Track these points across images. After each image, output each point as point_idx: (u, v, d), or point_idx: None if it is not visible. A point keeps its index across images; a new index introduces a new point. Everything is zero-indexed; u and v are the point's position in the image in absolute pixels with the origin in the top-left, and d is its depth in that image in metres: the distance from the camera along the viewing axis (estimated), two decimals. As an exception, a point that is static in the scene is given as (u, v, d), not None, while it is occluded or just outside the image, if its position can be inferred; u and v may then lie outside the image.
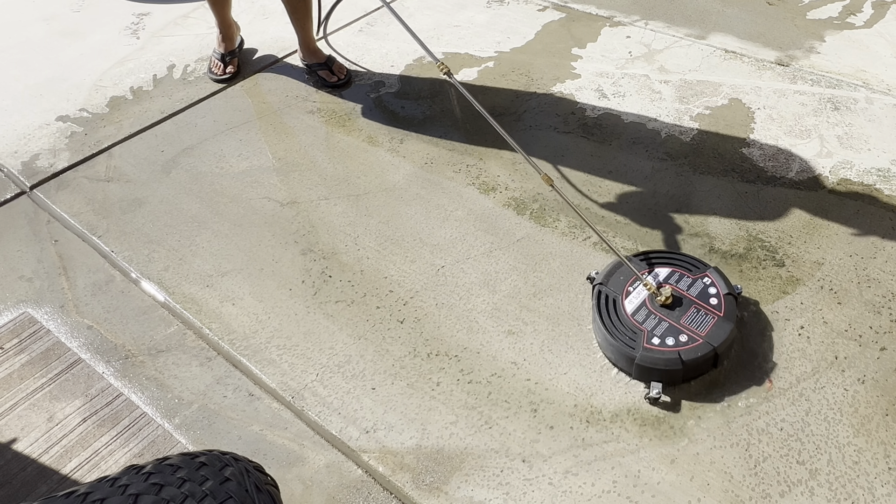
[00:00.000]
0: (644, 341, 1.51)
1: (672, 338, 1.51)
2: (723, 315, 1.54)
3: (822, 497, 1.34)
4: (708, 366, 1.52)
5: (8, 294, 1.84)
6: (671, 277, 1.64)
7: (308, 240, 1.94)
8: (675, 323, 1.54)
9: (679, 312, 1.56)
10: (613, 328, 1.54)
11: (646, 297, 1.60)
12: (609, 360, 1.58)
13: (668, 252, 1.73)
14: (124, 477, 0.83)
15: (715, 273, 1.63)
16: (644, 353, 1.48)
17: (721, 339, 1.49)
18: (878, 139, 2.18)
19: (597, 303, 1.61)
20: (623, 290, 1.62)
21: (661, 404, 1.49)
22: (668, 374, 1.48)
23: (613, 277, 1.65)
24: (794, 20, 2.83)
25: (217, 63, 2.59)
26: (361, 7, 3.05)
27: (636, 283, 1.62)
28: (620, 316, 1.57)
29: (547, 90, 2.47)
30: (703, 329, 1.52)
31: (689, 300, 1.58)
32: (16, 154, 2.30)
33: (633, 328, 1.54)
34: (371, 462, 1.43)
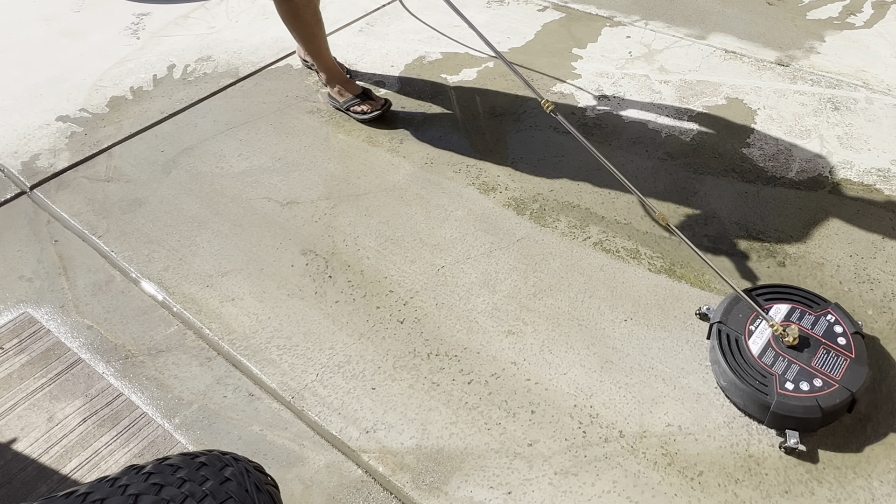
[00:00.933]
0: (777, 386, 1.41)
1: (806, 382, 1.41)
2: (854, 357, 1.45)
3: None
4: (843, 412, 1.44)
5: (8, 294, 1.84)
6: (792, 315, 1.54)
7: (308, 240, 1.94)
8: (806, 366, 1.44)
9: (808, 354, 1.46)
10: (742, 371, 1.45)
11: (770, 336, 1.50)
12: (736, 404, 1.49)
13: (785, 287, 1.62)
14: (124, 477, 0.83)
15: (838, 310, 1.54)
16: (780, 400, 1.39)
17: (858, 384, 1.40)
18: (878, 139, 2.18)
19: (718, 343, 1.51)
20: (744, 329, 1.52)
21: (796, 454, 1.41)
22: (805, 423, 1.39)
23: (732, 315, 1.55)
24: (794, 20, 2.83)
25: (363, 109, 2.33)
26: (361, 7, 3.05)
27: (757, 322, 1.53)
28: (746, 358, 1.47)
29: (547, 90, 2.47)
30: (837, 373, 1.42)
31: (817, 340, 1.48)
32: (16, 154, 2.30)
33: (762, 371, 1.44)
34: (371, 462, 1.43)
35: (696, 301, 1.71)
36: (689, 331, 1.65)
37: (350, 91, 2.36)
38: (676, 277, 1.79)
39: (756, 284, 1.66)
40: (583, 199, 2.03)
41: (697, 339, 1.63)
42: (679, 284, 1.77)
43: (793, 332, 1.48)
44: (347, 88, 2.37)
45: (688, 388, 1.54)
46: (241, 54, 2.76)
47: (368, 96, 2.36)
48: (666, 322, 1.68)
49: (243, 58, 2.73)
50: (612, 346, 1.63)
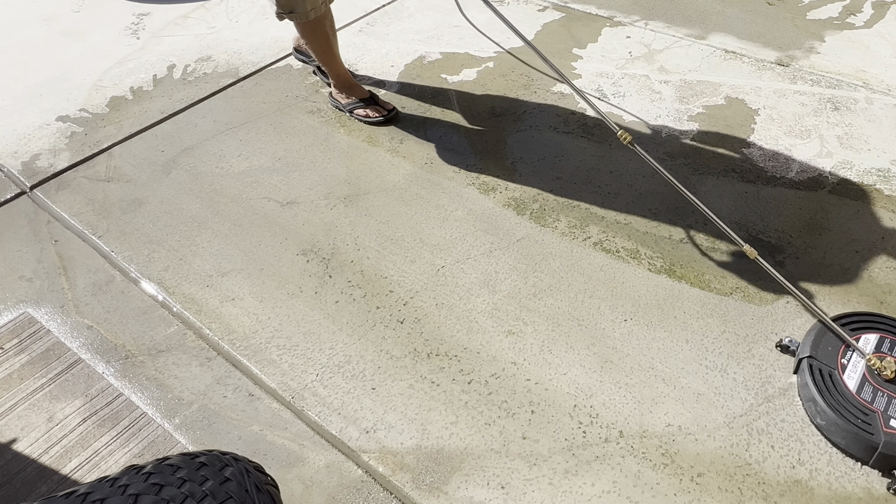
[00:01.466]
0: (882, 425, 1.34)
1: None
2: None
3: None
4: None
5: (8, 294, 1.84)
6: (883, 345, 1.47)
7: (308, 240, 1.94)
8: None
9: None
10: (843, 409, 1.37)
11: (864, 370, 1.43)
12: (836, 445, 1.40)
13: (870, 314, 1.55)
14: (124, 477, 0.83)
15: None
16: (888, 440, 1.32)
17: None
18: (878, 139, 2.18)
19: (812, 379, 1.43)
20: (837, 362, 1.44)
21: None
22: None
23: (821, 348, 1.47)
24: (794, 20, 2.83)
25: (366, 113, 2.34)
26: (361, 7, 3.06)
27: (848, 354, 1.46)
28: (844, 394, 1.39)
29: (547, 90, 2.47)
30: None
31: None
32: (16, 154, 2.30)
33: (863, 409, 1.37)
34: (371, 462, 1.43)
35: (695, 301, 1.72)
36: (689, 331, 1.65)
37: (356, 94, 2.37)
38: (676, 277, 1.79)
39: (839, 314, 1.58)
40: (583, 199, 2.03)
41: (697, 338, 1.64)
42: (679, 284, 1.77)
43: (890, 364, 1.41)
44: (354, 92, 2.37)
45: (688, 388, 1.54)
46: (241, 54, 2.76)
47: (375, 101, 2.37)
48: (666, 322, 1.68)
49: (243, 58, 2.73)
50: (612, 346, 1.63)
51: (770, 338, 1.63)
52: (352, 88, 2.38)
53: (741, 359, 1.59)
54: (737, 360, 1.59)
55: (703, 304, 1.71)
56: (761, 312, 1.69)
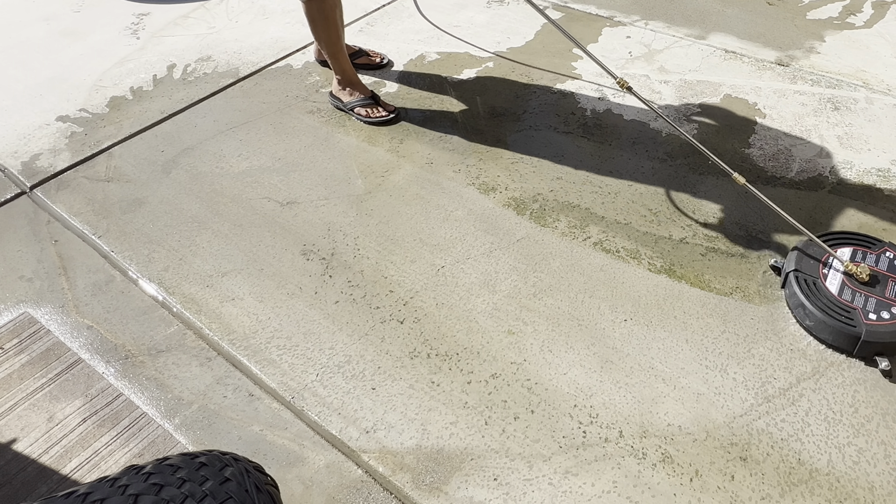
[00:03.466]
0: (863, 318, 1.56)
1: (886, 312, 1.57)
2: None
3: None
4: None
5: (8, 294, 1.84)
6: (856, 256, 1.70)
7: (308, 240, 1.94)
8: (882, 297, 1.60)
9: (880, 287, 1.63)
10: (828, 309, 1.59)
11: (843, 276, 1.66)
12: (823, 341, 1.61)
13: (844, 232, 1.79)
14: (124, 477, 0.83)
15: (894, 248, 1.71)
16: (869, 329, 1.54)
17: None
18: (878, 139, 2.18)
19: (799, 288, 1.64)
20: (818, 272, 1.67)
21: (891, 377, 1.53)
22: (891, 347, 1.54)
23: (804, 262, 1.70)
24: (794, 20, 2.83)
25: (367, 113, 2.35)
26: (362, 7, 3.06)
27: (827, 265, 1.68)
28: (827, 297, 1.61)
29: (547, 90, 2.47)
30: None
31: (884, 275, 1.65)
32: (16, 154, 2.30)
33: (845, 307, 1.59)
34: (371, 462, 1.43)
35: (695, 301, 1.72)
36: (689, 331, 1.65)
37: (359, 92, 2.37)
38: (676, 277, 1.79)
39: (818, 233, 1.76)
40: (583, 199, 2.03)
41: (697, 338, 1.64)
42: (679, 284, 1.77)
43: (864, 269, 1.63)
44: (357, 90, 2.38)
45: (688, 388, 1.54)
46: (241, 54, 2.76)
47: (377, 101, 2.37)
48: (666, 322, 1.68)
49: (243, 58, 2.73)
50: (612, 346, 1.63)
51: (770, 338, 1.63)
52: (355, 86, 2.38)
53: (741, 359, 1.59)
54: (737, 360, 1.59)
55: (703, 304, 1.71)
56: (761, 312, 1.69)
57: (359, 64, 2.58)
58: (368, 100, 2.36)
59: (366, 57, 2.62)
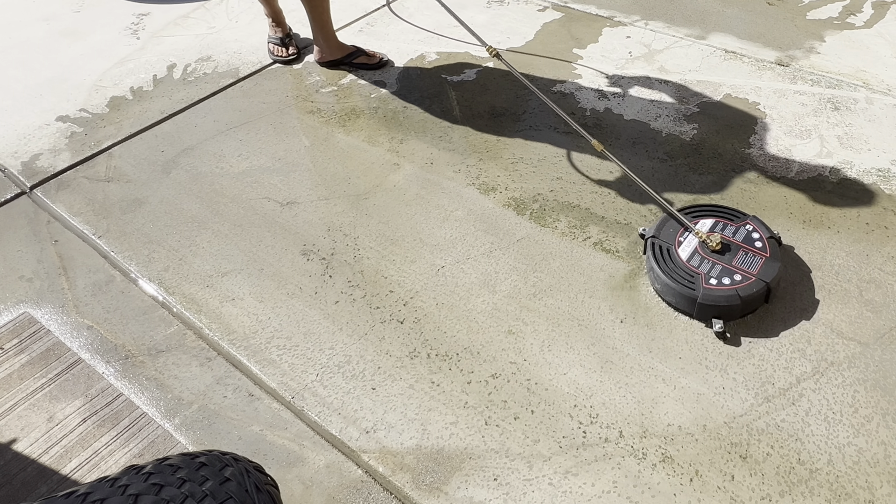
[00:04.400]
0: (703, 283, 1.65)
1: (728, 278, 1.66)
2: (769, 255, 1.70)
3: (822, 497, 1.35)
4: (761, 301, 1.67)
5: (8, 294, 1.84)
6: (716, 227, 1.79)
7: (308, 240, 1.94)
8: (728, 265, 1.69)
9: (729, 256, 1.71)
10: (673, 273, 1.69)
11: (697, 245, 1.75)
12: (669, 303, 1.71)
13: (710, 205, 1.88)
14: (124, 477, 0.83)
15: (755, 220, 1.79)
16: (705, 293, 1.63)
17: (772, 276, 1.65)
18: (878, 139, 2.18)
19: (652, 253, 1.74)
20: (675, 240, 1.77)
21: (725, 339, 1.63)
22: (727, 310, 1.63)
23: (664, 230, 1.80)
24: (794, 20, 2.83)
25: (278, 48, 2.69)
26: (362, 7, 3.06)
27: (686, 234, 1.78)
28: (677, 263, 1.71)
29: (547, 90, 2.47)
30: (754, 268, 1.67)
31: (737, 245, 1.74)
32: (16, 154, 2.30)
33: (690, 272, 1.68)
34: (371, 462, 1.43)
35: (696, 301, 1.72)
36: (689, 331, 1.65)
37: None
38: (676, 277, 1.79)
39: (687, 205, 1.90)
40: (583, 199, 2.03)
41: (697, 338, 1.64)
42: (679, 284, 1.77)
43: (715, 238, 1.73)
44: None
45: (688, 388, 1.54)
46: (241, 54, 2.76)
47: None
48: (666, 322, 1.68)
49: (243, 58, 2.73)
50: (612, 346, 1.63)
51: (770, 338, 1.63)
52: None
53: (741, 359, 1.59)
54: (737, 360, 1.59)
55: (703, 304, 1.71)
56: (761, 312, 1.69)
57: (357, 63, 2.62)
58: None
59: (364, 56, 2.64)
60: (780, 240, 1.78)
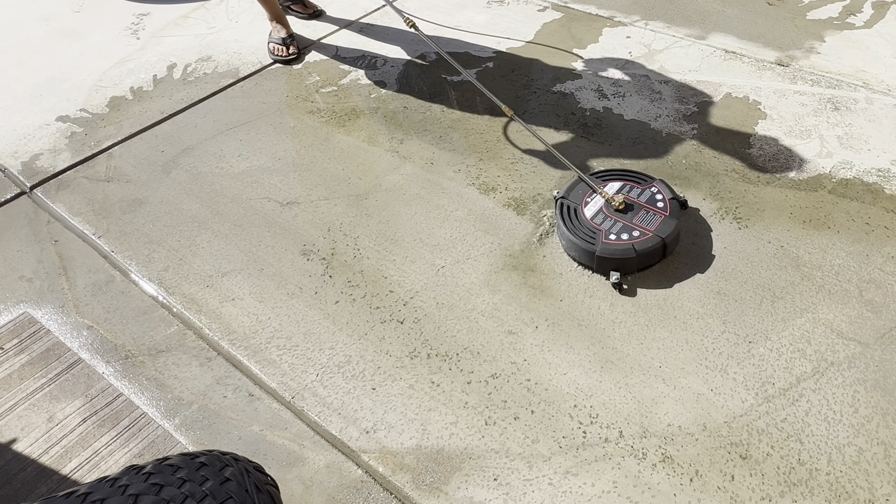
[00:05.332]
0: (602, 238, 1.77)
1: (626, 234, 1.78)
2: (668, 214, 1.82)
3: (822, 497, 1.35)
4: (658, 256, 1.78)
5: (8, 294, 1.84)
6: (623, 188, 1.91)
7: (308, 240, 1.94)
8: (628, 223, 1.81)
9: (631, 215, 1.83)
10: (576, 231, 1.81)
11: (602, 204, 1.86)
12: (573, 258, 1.83)
13: (620, 170, 2.01)
14: (124, 477, 0.83)
15: (661, 183, 1.91)
16: (603, 247, 1.75)
17: (668, 232, 1.77)
18: (878, 139, 2.18)
19: (560, 213, 1.87)
20: (582, 200, 1.89)
21: (621, 290, 1.75)
22: (624, 263, 1.75)
23: (573, 192, 1.92)
24: (794, 20, 2.83)
25: (279, 47, 2.72)
26: (362, 7, 3.06)
27: (593, 195, 1.89)
28: (581, 221, 1.83)
29: (547, 90, 2.47)
30: (653, 226, 1.79)
31: (640, 205, 1.86)
32: (16, 154, 2.30)
33: (592, 229, 1.80)
34: (371, 462, 1.43)
35: (696, 301, 1.72)
36: (689, 331, 1.65)
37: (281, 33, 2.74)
38: (677, 277, 1.78)
39: (600, 170, 2.03)
40: (583, 199, 2.03)
41: (697, 338, 1.64)
42: (680, 284, 1.77)
43: (619, 198, 1.85)
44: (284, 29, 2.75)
45: (688, 388, 1.54)
46: (241, 54, 2.76)
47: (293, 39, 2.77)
48: (666, 322, 1.68)
49: (243, 58, 2.73)
50: (612, 346, 1.63)
51: (770, 338, 1.63)
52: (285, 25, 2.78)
53: (741, 359, 1.59)
54: (737, 360, 1.59)
55: (703, 303, 1.71)
56: (762, 313, 1.69)
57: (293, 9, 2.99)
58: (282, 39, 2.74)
59: (301, 5, 2.98)
60: (686, 203, 1.91)
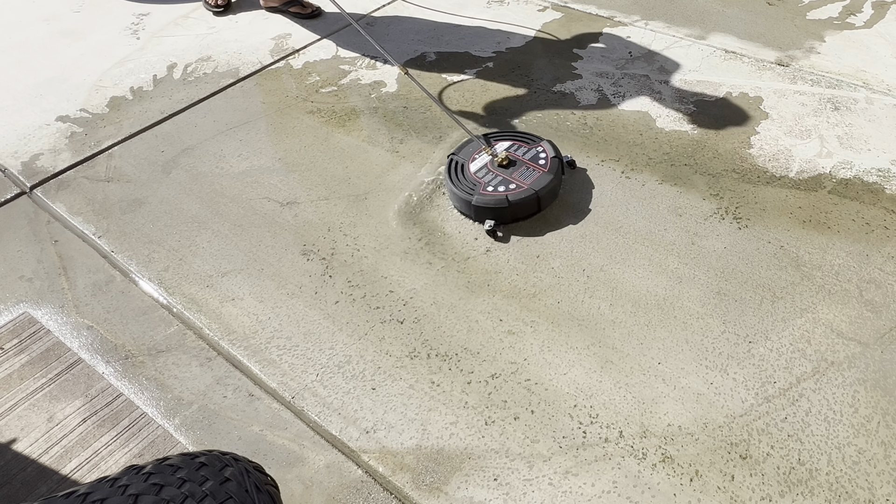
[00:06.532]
0: (481, 190, 1.92)
1: (503, 186, 1.93)
2: (547, 170, 1.96)
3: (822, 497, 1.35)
4: (532, 207, 1.93)
5: (8, 294, 1.84)
6: (511, 147, 2.06)
7: (308, 240, 1.94)
8: (508, 177, 1.96)
9: (512, 170, 1.98)
10: (460, 183, 1.96)
11: (487, 161, 2.02)
12: (457, 209, 1.98)
13: (511, 131, 2.18)
14: (124, 477, 0.84)
15: (547, 143, 2.06)
16: (479, 197, 1.90)
17: (541, 186, 1.92)
18: (878, 139, 2.18)
19: (448, 168, 2.02)
20: (470, 157, 2.04)
21: (496, 236, 1.90)
22: (498, 212, 1.89)
23: (464, 150, 2.08)
24: (794, 20, 2.83)
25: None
26: (362, 7, 3.06)
27: (481, 153, 2.04)
28: (466, 175, 1.99)
29: (547, 90, 2.47)
30: (529, 180, 1.94)
31: (522, 161, 2.01)
32: (16, 154, 2.30)
33: (473, 182, 1.96)
34: (371, 462, 1.43)
35: (696, 300, 1.72)
36: (689, 331, 1.65)
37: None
38: (677, 278, 1.78)
39: (492, 131, 2.20)
40: (583, 199, 2.03)
41: (697, 338, 1.64)
42: (680, 285, 1.77)
43: (503, 154, 2.00)
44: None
45: (688, 388, 1.54)
46: (241, 54, 2.76)
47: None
48: (666, 322, 1.68)
49: (243, 58, 2.73)
50: (612, 346, 1.63)
51: (770, 338, 1.63)
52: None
53: (741, 359, 1.59)
54: (737, 360, 1.59)
55: (703, 303, 1.71)
56: (762, 313, 1.69)
57: (292, 12, 3.00)
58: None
59: (298, 6, 2.99)
60: (574, 163, 2.07)
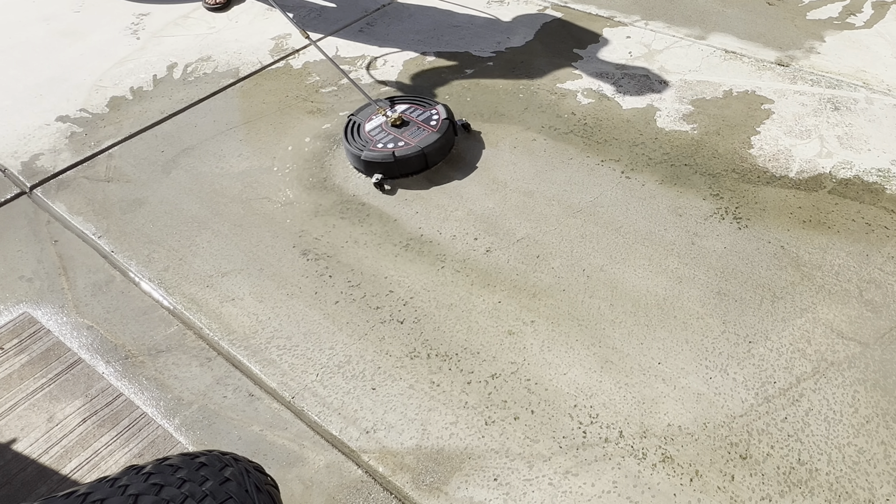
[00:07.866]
0: (372, 147, 2.07)
1: (392, 143, 2.08)
2: (436, 131, 2.11)
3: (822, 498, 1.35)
4: (419, 164, 2.08)
5: (8, 294, 1.84)
6: (407, 110, 2.21)
7: (308, 240, 1.94)
8: (399, 136, 2.11)
9: (403, 130, 2.13)
10: (354, 142, 2.11)
11: (383, 121, 2.16)
12: (352, 166, 2.13)
13: (410, 95, 2.34)
14: (124, 477, 0.84)
15: (441, 107, 2.20)
16: (368, 153, 2.06)
17: (427, 144, 2.07)
18: (878, 139, 2.18)
19: (345, 129, 2.16)
20: (367, 118, 2.19)
21: (382, 189, 2.06)
22: (385, 167, 2.06)
23: (363, 112, 2.23)
24: (794, 20, 2.83)
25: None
26: (362, 7, 3.06)
27: (378, 114, 2.19)
28: (361, 134, 2.14)
29: (547, 90, 2.47)
30: (417, 138, 2.09)
31: (415, 122, 2.15)
32: (16, 154, 2.30)
33: (366, 139, 2.11)
34: (371, 462, 1.43)
35: (696, 301, 1.72)
36: (689, 331, 1.65)
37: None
38: (677, 278, 1.79)
39: (395, 96, 2.33)
40: (583, 199, 2.03)
41: (697, 338, 1.64)
42: (679, 284, 1.77)
43: (396, 114, 2.15)
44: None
45: (688, 388, 1.54)
46: (241, 54, 2.76)
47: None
48: (666, 322, 1.68)
49: (243, 58, 2.73)
50: (612, 346, 1.63)
51: (770, 338, 1.63)
52: None
53: (741, 359, 1.59)
54: (737, 360, 1.59)
55: (703, 303, 1.71)
56: (762, 313, 1.69)
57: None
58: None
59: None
60: (468, 126, 2.22)
